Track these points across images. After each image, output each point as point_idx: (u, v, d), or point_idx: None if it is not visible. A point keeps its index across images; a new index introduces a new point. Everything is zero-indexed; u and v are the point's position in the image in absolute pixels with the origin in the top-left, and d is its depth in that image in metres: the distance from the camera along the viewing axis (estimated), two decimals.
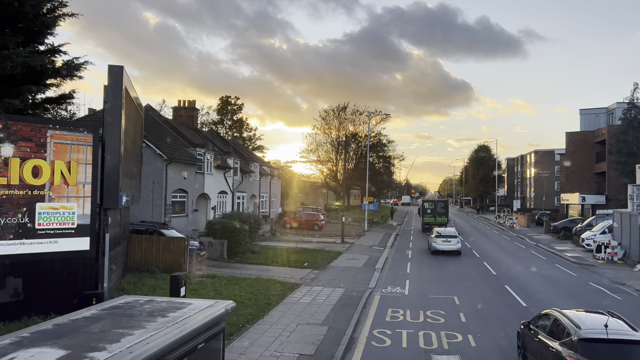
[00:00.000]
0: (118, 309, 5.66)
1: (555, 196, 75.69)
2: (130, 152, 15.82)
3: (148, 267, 19.66)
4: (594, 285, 21.27)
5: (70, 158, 12.57)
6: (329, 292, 17.92)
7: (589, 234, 33.85)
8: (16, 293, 12.52)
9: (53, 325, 4.90)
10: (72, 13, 15.32)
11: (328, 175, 70.05)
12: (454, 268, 25.21)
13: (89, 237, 13.36)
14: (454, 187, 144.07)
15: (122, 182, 13.91)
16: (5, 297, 12.30)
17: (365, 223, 47.52)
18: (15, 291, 12.49)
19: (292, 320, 13.97)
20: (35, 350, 4.14)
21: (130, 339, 4.50)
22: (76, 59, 15.72)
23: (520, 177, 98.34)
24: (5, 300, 12.26)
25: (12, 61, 12.52)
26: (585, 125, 58.60)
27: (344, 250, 30.69)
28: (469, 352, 11.90)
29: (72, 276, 13.43)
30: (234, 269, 21.95)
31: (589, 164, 55.84)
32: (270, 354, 11.19)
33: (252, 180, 43.21)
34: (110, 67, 13.55)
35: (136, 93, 16.95)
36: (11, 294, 12.44)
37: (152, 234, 21.07)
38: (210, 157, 32.33)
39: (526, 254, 31.77)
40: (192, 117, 39.31)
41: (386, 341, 12.63)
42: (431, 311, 15.71)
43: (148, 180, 24.97)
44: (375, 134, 68.29)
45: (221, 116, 68.80)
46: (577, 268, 26.29)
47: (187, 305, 5.85)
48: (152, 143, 25.51)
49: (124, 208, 17.53)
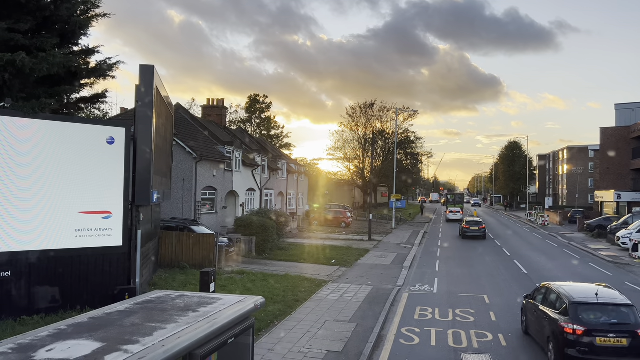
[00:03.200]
0: (150, 303, 5.78)
1: (588, 193, 73.71)
2: (161, 150, 16.13)
3: (179, 263, 20.00)
4: (630, 285, 20.65)
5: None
6: (357, 290, 17.90)
7: (624, 233, 32.83)
8: (53, 288, 12.91)
9: (88, 319, 5.04)
10: (105, 13, 15.69)
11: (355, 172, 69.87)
12: (483, 266, 24.84)
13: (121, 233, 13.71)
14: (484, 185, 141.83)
15: (153, 179, 14.19)
16: (43, 291, 12.70)
17: (393, 221, 47.24)
18: (52, 286, 12.88)
19: (320, 317, 14.01)
20: (72, 342, 4.27)
21: (163, 332, 4.59)
22: (109, 59, 16.09)
23: (552, 174, 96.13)
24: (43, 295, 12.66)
25: (48, 63, 12.88)
26: (621, 120, 56.80)
27: (372, 247, 30.59)
28: (500, 351, 11.72)
29: (105, 271, 13.77)
30: (262, 265, 22.14)
31: (625, 160, 54.11)
32: (298, 350, 11.25)
33: (280, 178, 43.45)
34: (141, 67, 13.83)
35: (166, 92, 17.25)
36: (48, 289, 12.83)
37: (183, 230, 21.42)
38: (239, 155, 32.65)
39: (559, 253, 31.05)
40: (221, 116, 39.75)
41: (415, 339, 12.55)
42: (460, 310, 15.52)
43: (178, 177, 25.39)
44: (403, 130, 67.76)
45: (249, 114, 69.41)
46: (612, 267, 25.57)
47: (217, 301, 5.93)
48: (182, 141, 25.92)
49: (155, 205, 17.88)
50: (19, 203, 12.01)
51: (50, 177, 12.50)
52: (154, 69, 13.93)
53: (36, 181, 12.28)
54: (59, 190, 12.62)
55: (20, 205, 12.05)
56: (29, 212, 12.19)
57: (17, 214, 12.00)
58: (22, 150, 12.05)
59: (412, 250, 29.94)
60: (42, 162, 12.39)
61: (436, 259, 27.09)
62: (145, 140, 13.75)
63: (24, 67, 12.50)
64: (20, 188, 12.02)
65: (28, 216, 12.19)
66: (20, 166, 12.00)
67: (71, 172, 12.83)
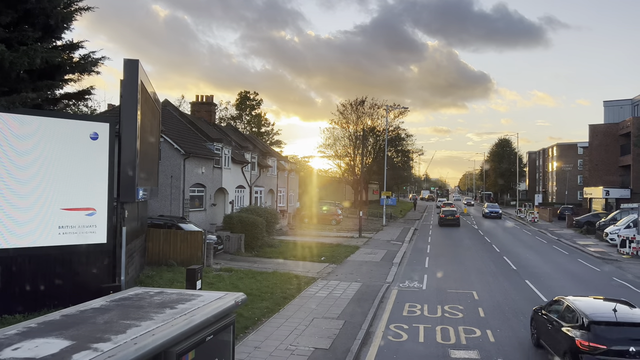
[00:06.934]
0: (127, 300, 5.62)
1: (578, 190, 74.23)
2: (147, 146, 15.89)
3: (166, 260, 19.79)
4: (618, 280, 20.75)
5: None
6: (346, 286, 17.80)
7: (613, 229, 33.03)
8: (35, 286, 12.68)
9: (61, 316, 4.88)
10: (88, 7, 15.41)
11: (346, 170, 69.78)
12: (472, 262, 24.85)
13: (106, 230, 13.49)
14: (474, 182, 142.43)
15: (138, 176, 13.96)
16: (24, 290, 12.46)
17: (384, 217, 47.23)
18: (34, 284, 12.65)
19: (308, 314, 13.89)
20: (40, 341, 4.11)
21: (137, 330, 4.44)
22: (93, 53, 15.80)
23: (542, 171, 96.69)
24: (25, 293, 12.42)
25: (29, 57, 12.61)
26: (610, 117, 57.21)
27: (362, 244, 30.52)
28: (487, 347, 11.67)
29: (90, 269, 13.56)
30: (251, 262, 21.98)
31: (613, 157, 54.54)
32: (285, 347, 11.13)
33: (270, 175, 43.26)
34: (125, 62, 13.58)
35: (153, 88, 16.99)
36: (31, 287, 12.60)
37: (170, 227, 21.21)
38: (228, 152, 32.41)
39: (548, 249, 31.18)
40: (210, 112, 39.47)
41: (403, 336, 12.47)
42: (449, 306, 15.48)
43: (166, 174, 25.14)
44: (394, 128, 67.68)
45: (240, 111, 69.03)
46: (600, 263, 25.69)
47: (197, 297, 5.79)
48: (169, 138, 25.65)
49: (142, 202, 17.65)
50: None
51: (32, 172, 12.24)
52: (138, 63, 13.69)
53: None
54: (41, 186, 12.37)
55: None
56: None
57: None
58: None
59: (402, 247, 29.90)
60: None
61: (426, 255, 27.07)
62: (129, 136, 13.52)
63: (4, 61, 12.22)
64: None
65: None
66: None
67: (54, 168, 12.58)
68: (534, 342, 11.76)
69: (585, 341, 9.10)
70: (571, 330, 9.66)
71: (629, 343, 8.93)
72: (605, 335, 9.11)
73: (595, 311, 9.75)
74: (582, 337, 9.22)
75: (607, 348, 8.93)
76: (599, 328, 9.23)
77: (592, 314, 9.57)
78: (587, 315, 9.56)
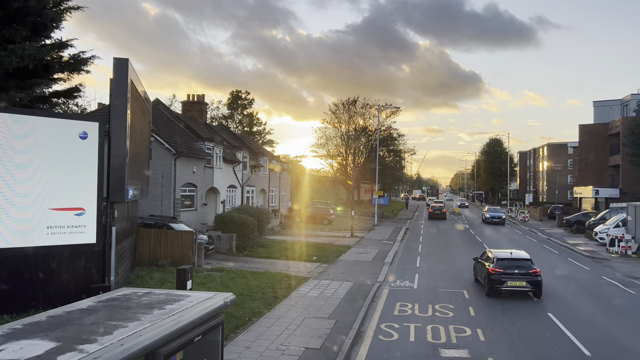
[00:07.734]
0: (115, 301, 5.58)
1: (568, 190, 74.75)
2: (137, 145, 15.81)
3: (157, 260, 19.69)
4: (607, 279, 20.92)
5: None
6: (337, 286, 17.81)
7: (602, 228, 33.31)
8: (24, 287, 12.56)
9: (47, 317, 4.83)
10: (78, 6, 15.29)
11: (338, 169, 69.83)
12: (464, 262, 24.91)
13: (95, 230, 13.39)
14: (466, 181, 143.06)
15: (128, 175, 13.89)
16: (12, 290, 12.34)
17: (375, 217, 47.31)
18: (22, 285, 12.54)
19: (299, 314, 13.88)
20: (25, 342, 4.06)
21: (123, 331, 4.41)
22: (82, 52, 15.73)
23: (533, 170, 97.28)
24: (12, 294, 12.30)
25: (17, 55, 12.50)
26: (599, 117, 57.72)
27: (354, 244, 30.55)
28: (477, 346, 11.72)
29: (79, 269, 13.45)
30: (242, 262, 21.93)
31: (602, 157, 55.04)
32: (276, 347, 11.11)
33: (262, 175, 43.18)
34: (115, 60, 13.51)
35: (143, 87, 16.90)
36: (19, 288, 12.48)
37: (161, 227, 21.10)
38: (220, 151, 32.30)
39: (538, 248, 31.36)
40: (201, 111, 39.33)
41: (394, 335, 12.49)
42: (440, 305, 15.53)
43: (157, 174, 25.02)
44: (386, 127, 67.84)
45: (231, 110, 68.84)
46: (590, 262, 25.90)
47: (185, 298, 5.75)
48: (160, 137, 25.53)
49: (132, 202, 17.55)
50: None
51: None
52: (128, 62, 13.62)
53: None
54: (29, 185, 12.25)
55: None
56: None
57: None
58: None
59: (393, 247, 29.97)
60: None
61: (417, 254, 27.14)
62: (119, 135, 13.44)
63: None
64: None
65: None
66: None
67: (42, 168, 12.47)
68: (474, 279, 19.24)
69: (492, 268, 16.57)
70: (488, 264, 17.03)
71: (515, 268, 16.44)
72: (502, 264, 16.56)
73: (499, 254, 17.42)
74: (491, 266, 16.74)
75: (503, 271, 16.35)
76: (500, 262, 16.69)
77: (497, 255, 17.25)
78: (495, 256, 17.16)
